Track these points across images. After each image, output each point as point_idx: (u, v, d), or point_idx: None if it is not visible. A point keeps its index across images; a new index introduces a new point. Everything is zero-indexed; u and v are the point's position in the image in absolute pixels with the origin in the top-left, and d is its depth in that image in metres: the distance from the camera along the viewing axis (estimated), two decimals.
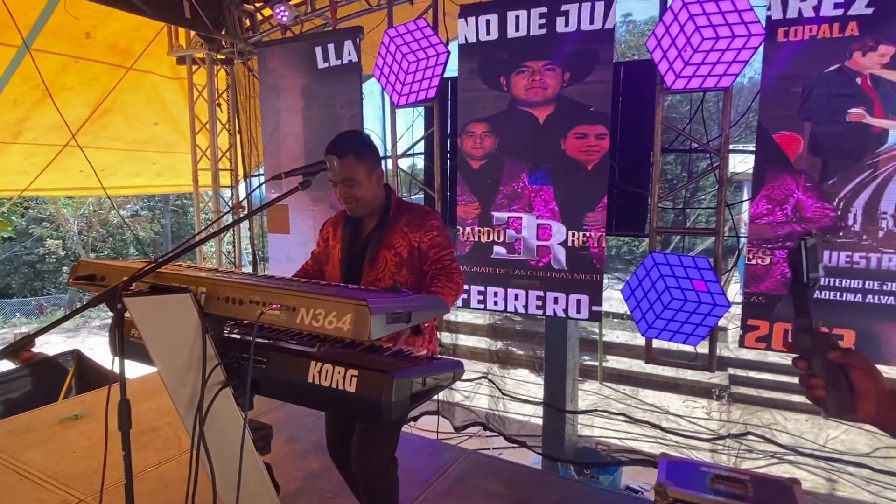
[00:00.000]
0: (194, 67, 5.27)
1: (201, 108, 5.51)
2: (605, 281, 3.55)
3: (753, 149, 3.13)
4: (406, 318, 1.27)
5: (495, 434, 5.05)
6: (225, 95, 5.35)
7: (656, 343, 3.49)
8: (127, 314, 1.32)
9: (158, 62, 5.61)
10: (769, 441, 4.63)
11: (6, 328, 15.72)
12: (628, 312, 3.52)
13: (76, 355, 5.00)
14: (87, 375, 4.91)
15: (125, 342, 1.45)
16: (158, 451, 3.01)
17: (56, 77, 5.04)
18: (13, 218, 15.80)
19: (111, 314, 1.34)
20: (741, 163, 8.30)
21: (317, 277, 2.23)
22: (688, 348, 3.34)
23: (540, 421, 5.05)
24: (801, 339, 0.83)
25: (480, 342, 9.57)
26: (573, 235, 3.43)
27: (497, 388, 6.28)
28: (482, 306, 3.78)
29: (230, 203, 5.61)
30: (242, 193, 5.69)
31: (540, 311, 3.58)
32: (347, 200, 1.97)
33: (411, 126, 4.73)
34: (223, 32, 4.85)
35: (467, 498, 2.57)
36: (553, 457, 4.41)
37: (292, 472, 2.85)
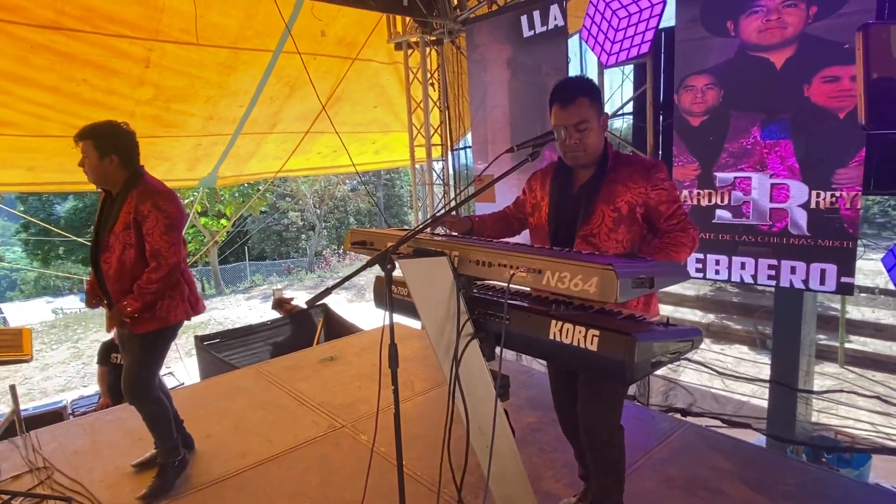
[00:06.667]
0: (409, 51, 5.74)
1: (414, 89, 5.99)
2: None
3: None
4: (649, 283, 1.28)
5: (709, 415, 4.70)
6: (436, 75, 5.73)
7: None
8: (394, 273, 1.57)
9: (377, 50, 6.22)
10: None
11: (265, 285, 19.36)
12: (883, 287, 2.98)
13: (324, 308, 5.99)
14: (333, 325, 5.87)
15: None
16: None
17: (300, 73, 5.91)
18: (267, 195, 19.19)
19: (348, 274, 1.59)
20: None
21: (511, 221, 2.22)
22: None
23: (761, 402, 4.58)
24: None
25: (689, 314, 8.92)
26: (818, 196, 2.99)
27: (705, 365, 5.80)
28: (701, 275, 3.53)
29: (441, 175, 6.05)
30: (450, 165, 6.09)
31: (772, 282, 3.22)
32: (575, 149, 1.87)
33: (620, 86, 4.54)
34: (434, 14, 5.17)
35: (691, 469, 2.50)
36: (783, 438, 3.98)
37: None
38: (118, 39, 4.25)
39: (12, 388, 4.05)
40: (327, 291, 1.55)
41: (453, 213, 2.23)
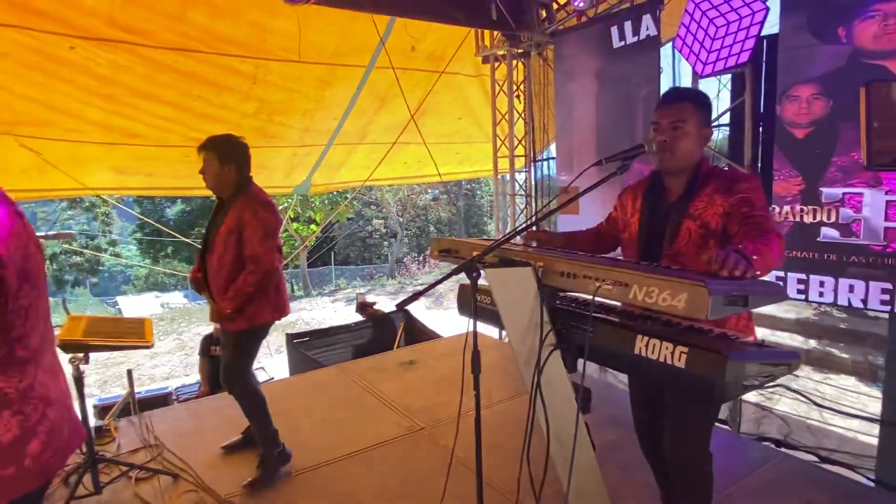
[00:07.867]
0: (496, 64, 5.81)
1: (499, 101, 6.05)
2: None
3: None
4: (743, 301, 1.24)
5: (806, 448, 4.31)
6: (522, 87, 5.77)
7: None
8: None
9: (463, 64, 6.35)
10: None
11: (349, 289, 20.12)
12: None
13: (405, 314, 6.16)
14: (413, 330, 6.02)
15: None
16: (472, 399, 3.54)
17: (390, 87, 6.14)
18: (354, 202, 20.00)
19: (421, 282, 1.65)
20: None
21: (604, 238, 2.20)
22: None
23: (869, 440, 4.14)
24: None
25: (787, 339, 8.28)
26: None
27: (803, 394, 5.31)
28: (802, 297, 3.30)
29: (524, 186, 6.05)
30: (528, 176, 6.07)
31: (886, 307, 2.95)
32: (663, 147, 1.81)
33: (717, 96, 4.35)
34: (522, 27, 5.22)
35: (786, 502, 2.34)
36: (892, 485, 3.61)
37: None
38: (230, 58, 4.65)
39: (129, 372, 4.52)
40: (416, 296, 1.63)
41: (536, 227, 2.23)
